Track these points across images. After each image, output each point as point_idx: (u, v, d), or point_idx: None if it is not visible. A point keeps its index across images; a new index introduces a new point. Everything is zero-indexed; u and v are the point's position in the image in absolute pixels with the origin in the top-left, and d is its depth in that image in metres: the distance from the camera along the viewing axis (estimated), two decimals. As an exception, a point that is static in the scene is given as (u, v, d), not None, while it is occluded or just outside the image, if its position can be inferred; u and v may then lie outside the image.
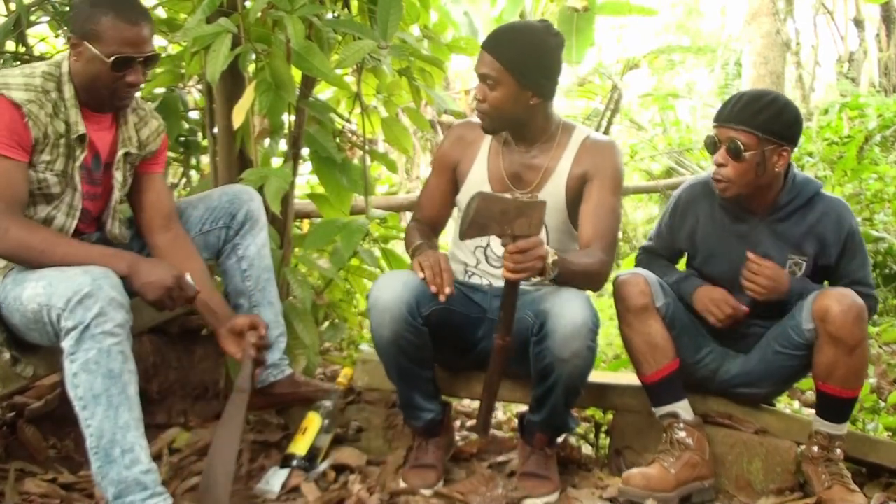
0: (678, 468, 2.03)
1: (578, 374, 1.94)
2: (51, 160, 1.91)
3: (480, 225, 1.73)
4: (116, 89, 1.93)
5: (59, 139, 1.91)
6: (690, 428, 2.08)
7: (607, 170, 2.09)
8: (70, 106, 1.92)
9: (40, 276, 1.79)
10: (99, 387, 1.71)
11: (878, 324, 3.89)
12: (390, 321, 1.91)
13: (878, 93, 8.76)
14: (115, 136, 2.05)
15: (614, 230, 2.10)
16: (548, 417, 2.04)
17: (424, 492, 2.03)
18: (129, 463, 1.72)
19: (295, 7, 2.25)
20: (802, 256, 2.11)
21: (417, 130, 6.16)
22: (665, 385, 2.09)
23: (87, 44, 1.88)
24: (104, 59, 1.87)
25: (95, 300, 1.71)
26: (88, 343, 1.70)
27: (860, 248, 2.14)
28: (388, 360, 2.00)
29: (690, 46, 11.81)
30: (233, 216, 2.20)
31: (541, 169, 2.13)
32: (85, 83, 1.93)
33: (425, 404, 2.10)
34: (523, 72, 1.99)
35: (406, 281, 1.94)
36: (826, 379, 1.99)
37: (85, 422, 1.73)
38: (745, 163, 2.01)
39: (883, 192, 5.09)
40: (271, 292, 2.26)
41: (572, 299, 1.89)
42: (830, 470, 2.02)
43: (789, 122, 2.03)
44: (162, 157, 2.19)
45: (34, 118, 1.85)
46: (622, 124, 8.23)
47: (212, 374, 2.53)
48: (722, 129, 2.05)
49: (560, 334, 1.87)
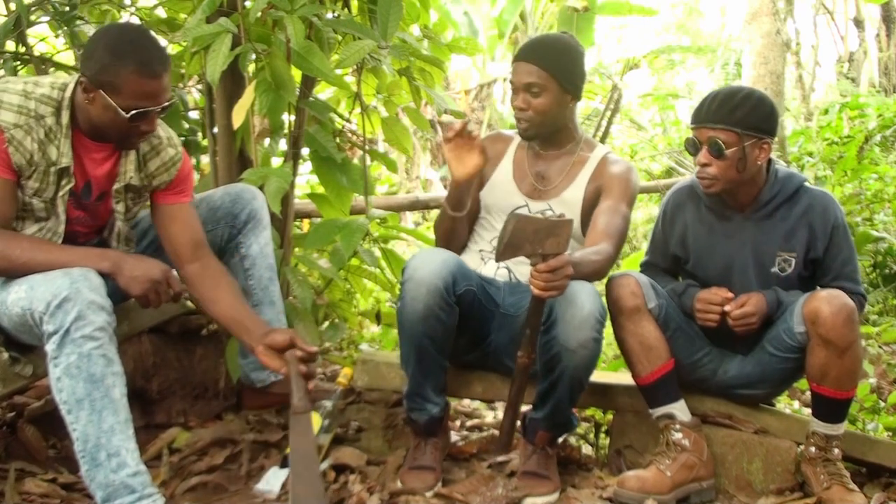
0: (674, 470, 2.03)
1: (585, 366, 1.94)
2: (39, 188, 1.87)
3: (515, 246, 1.76)
4: (129, 136, 1.88)
5: (50, 167, 1.86)
6: (687, 429, 2.08)
7: (623, 183, 2.21)
8: (64, 135, 1.85)
9: (24, 280, 1.78)
10: (81, 391, 1.69)
11: (878, 324, 3.89)
12: (426, 294, 1.92)
13: (878, 93, 8.78)
14: (115, 166, 1.98)
15: (623, 232, 2.17)
16: (551, 414, 2.04)
17: (425, 492, 2.03)
18: (115, 467, 1.70)
19: (295, 7, 2.25)
20: (791, 252, 2.11)
21: (417, 130, 6.17)
22: (660, 386, 2.09)
23: (102, 92, 1.79)
24: (121, 112, 1.79)
25: (74, 304, 1.69)
26: (69, 347, 1.69)
27: (847, 243, 2.13)
28: (413, 340, 1.98)
29: (690, 46, 11.82)
30: (235, 216, 2.19)
31: (563, 173, 2.25)
32: (93, 124, 1.87)
33: (434, 397, 2.10)
34: (565, 76, 2.16)
35: (445, 258, 1.97)
36: (820, 381, 1.99)
37: (70, 426, 1.72)
38: (727, 160, 2.02)
39: (883, 192, 5.10)
40: (273, 291, 2.26)
41: (580, 290, 1.90)
42: (829, 470, 2.02)
43: (766, 115, 2.05)
44: (183, 186, 2.06)
45: (16, 144, 1.80)
46: (622, 124, 8.24)
47: (212, 374, 2.53)
48: (701, 129, 2.06)
49: (568, 324, 1.88)
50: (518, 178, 2.28)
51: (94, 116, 1.85)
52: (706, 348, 2.19)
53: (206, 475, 2.15)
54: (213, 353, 2.52)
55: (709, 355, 2.19)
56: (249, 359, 2.27)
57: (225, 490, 2.11)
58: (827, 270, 2.14)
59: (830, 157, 5.84)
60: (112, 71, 1.77)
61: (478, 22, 9.25)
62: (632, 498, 1.98)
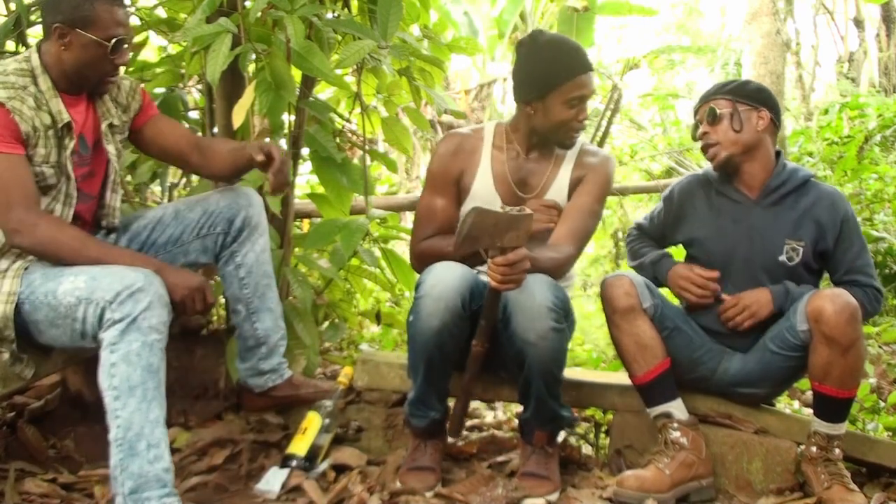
0: (673, 469, 2.03)
1: (551, 358, 1.94)
2: (45, 153, 1.92)
3: (473, 238, 1.76)
4: (107, 72, 1.97)
5: (48, 130, 1.92)
6: (685, 427, 2.08)
7: (599, 177, 2.19)
8: (50, 97, 1.94)
9: (80, 272, 1.82)
10: (137, 378, 1.72)
11: (879, 324, 3.89)
12: (444, 311, 1.91)
13: (878, 93, 8.77)
14: (95, 112, 2.07)
15: (589, 231, 2.17)
16: (536, 410, 2.04)
17: (425, 492, 2.03)
18: (153, 458, 1.72)
19: (295, 7, 2.25)
20: (799, 241, 2.14)
21: (417, 130, 6.17)
22: (657, 385, 2.10)
23: (79, 30, 1.89)
24: (103, 42, 1.90)
25: (146, 294, 1.74)
26: (134, 335, 1.73)
27: (857, 235, 2.17)
28: (424, 351, 1.98)
29: (690, 46, 11.82)
30: (230, 222, 2.17)
31: (545, 174, 2.21)
32: (73, 70, 1.95)
33: (437, 404, 2.10)
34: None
35: (463, 274, 1.96)
36: (822, 380, 2.00)
37: (114, 412, 1.73)
38: (723, 122, 2.17)
39: (883, 192, 5.10)
40: (271, 298, 2.25)
41: (532, 281, 1.89)
42: (829, 470, 2.02)
43: (756, 88, 2.22)
44: (151, 103, 2.22)
45: (18, 113, 1.86)
46: (622, 124, 8.23)
47: (212, 374, 2.53)
48: (699, 111, 2.24)
49: (523, 315, 1.89)
50: (500, 188, 2.20)
51: (72, 61, 1.94)
52: (706, 345, 2.19)
53: (206, 475, 2.15)
54: (213, 353, 2.52)
55: (709, 353, 2.19)
56: (246, 364, 2.27)
57: (225, 490, 2.11)
58: (839, 265, 2.16)
59: (830, 157, 5.84)
60: (86, 6, 1.89)
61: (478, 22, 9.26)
62: (632, 497, 1.99)
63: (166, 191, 3.20)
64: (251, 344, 2.25)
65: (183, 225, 2.17)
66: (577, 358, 3.61)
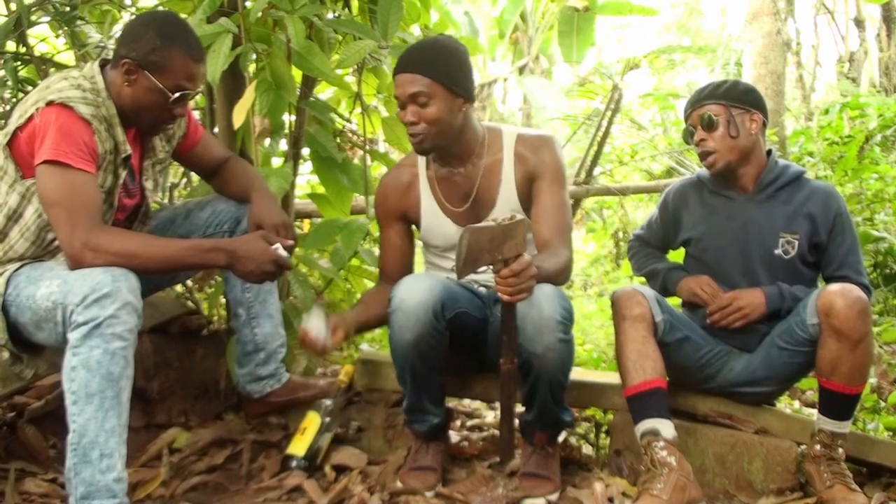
0: (668, 493, 1.90)
1: (558, 368, 1.93)
2: (102, 178, 1.90)
3: (474, 259, 1.69)
4: (162, 119, 1.94)
5: (108, 156, 1.90)
6: (671, 446, 1.96)
7: (550, 165, 2.11)
8: (115, 124, 1.91)
9: (55, 275, 1.80)
10: (95, 386, 1.70)
11: (879, 324, 3.88)
12: (415, 324, 1.90)
13: (878, 93, 8.77)
14: (142, 147, 2.05)
15: (569, 224, 2.12)
16: (539, 414, 2.04)
17: (425, 492, 2.03)
18: (104, 468, 1.71)
19: (295, 7, 2.26)
20: (794, 234, 2.16)
21: (418, 130, 6.15)
22: (651, 397, 2.01)
23: (147, 73, 1.86)
24: (166, 92, 1.87)
25: (113, 300, 1.70)
26: (96, 340, 1.70)
27: (850, 232, 2.18)
28: (405, 363, 1.98)
29: (691, 46, 11.83)
30: (238, 221, 2.18)
31: (487, 182, 2.14)
32: (130, 108, 1.91)
33: (433, 409, 2.10)
34: (451, 79, 2.01)
35: (432, 286, 1.93)
36: (830, 375, 1.99)
37: (71, 416, 1.72)
38: (719, 128, 2.17)
39: (883, 192, 5.08)
40: (272, 304, 2.26)
41: (539, 293, 1.86)
42: (832, 469, 2.01)
43: (747, 90, 2.22)
44: (196, 130, 2.19)
45: (99, 134, 1.85)
46: (622, 124, 8.22)
47: (212, 374, 2.53)
48: (692, 115, 2.22)
49: (531, 328, 1.87)
50: (448, 212, 2.16)
51: (132, 98, 1.90)
52: (714, 347, 2.20)
53: (206, 475, 2.15)
54: (214, 353, 2.52)
55: (717, 354, 2.19)
56: (244, 370, 2.28)
57: (225, 490, 2.11)
58: (831, 260, 2.18)
59: (831, 157, 5.83)
60: (162, 52, 1.86)
61: (478, 22, 9.26)
62: None
63: (167, 191, 3.20)
64: (249, 349, 2.25)
65: (193, 224, 2.18)
66: (578, 358, 3.60)
